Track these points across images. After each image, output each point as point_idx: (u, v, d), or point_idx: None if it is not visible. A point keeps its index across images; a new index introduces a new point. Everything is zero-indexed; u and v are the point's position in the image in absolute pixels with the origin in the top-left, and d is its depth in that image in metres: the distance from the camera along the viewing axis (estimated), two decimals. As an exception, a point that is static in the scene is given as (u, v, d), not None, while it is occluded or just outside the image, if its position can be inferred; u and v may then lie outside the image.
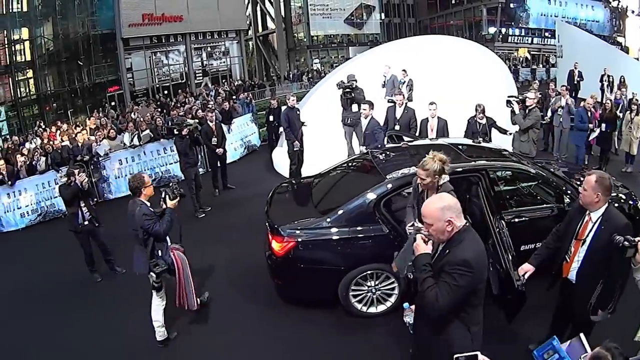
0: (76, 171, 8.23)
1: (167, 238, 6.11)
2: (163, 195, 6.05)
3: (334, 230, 6.03)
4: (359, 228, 5.97)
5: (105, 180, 13.86)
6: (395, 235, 5.84)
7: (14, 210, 12.79)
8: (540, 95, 12.92)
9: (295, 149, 11.61)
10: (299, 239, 6.05)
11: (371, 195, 6.05)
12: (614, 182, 4.72)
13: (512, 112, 9.86)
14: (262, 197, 8.66)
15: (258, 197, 9.90)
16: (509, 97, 10.14)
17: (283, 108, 13.24)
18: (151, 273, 5.83)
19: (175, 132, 10.94)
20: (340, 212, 6.08)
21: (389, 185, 6.11)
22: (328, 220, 6.08)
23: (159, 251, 5.93)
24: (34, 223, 12.84)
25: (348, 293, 6.08)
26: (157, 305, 6.18)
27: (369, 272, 6.02)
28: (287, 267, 6.18)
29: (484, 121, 9.92)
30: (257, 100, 25.14)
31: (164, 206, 6.00)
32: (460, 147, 7.25)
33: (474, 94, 11.48)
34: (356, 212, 6.04)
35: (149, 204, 5.99)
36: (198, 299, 6.49)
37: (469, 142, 8.28)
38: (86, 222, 8.33)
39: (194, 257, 6.91)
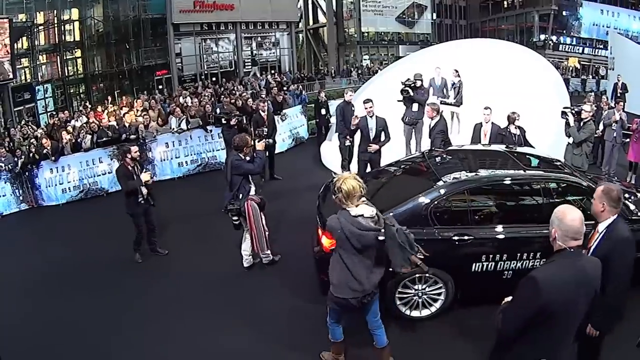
0: (132, 148, 8.33)
1: (252, 186, 7.33)
2: (252, 142, 7.22)
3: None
4: (412, 230, 5.39)
5: (151, 162, 13.79)
6: (449, 239, 5.81)
7: (55, 185, 13.04)
8: (595, 108, 12.32)
9: (347, 144, 11.36)
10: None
11: (426, 199, 5.98)
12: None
13: (567, 123, 9.55)
14: (308, 190, 9.53)
15: (305, 190, 10.42)
16: (564, 108, 9.85)
17: (339, 101, 13.15)
18: (229, 209, 7.15)
19: (224, 122, 11.04)
20: (393, 213, 5.76)
21: (443, 190, 6.03)
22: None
23: (240, 194, 7.16)
24: (75, 199, 13.01)
25: (394, 295, 6.00)
26: (244, 238, 7.57)
27: (417, 275, 5.88)
28: None
29: (518, 132, 9.59)
30: (307, 93, 24.61)
31: (254, 149, 7.19)
32: (516, 155, 7.19)
33: (526, 103, 11.12)
34: (410, 214, 5.86)
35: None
36: (268, 250, 7.53)
37: (528, 150, 8.19)
38: (143, 201, 8.32)
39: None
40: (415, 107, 10.99)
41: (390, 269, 4.95)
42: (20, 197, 13.00)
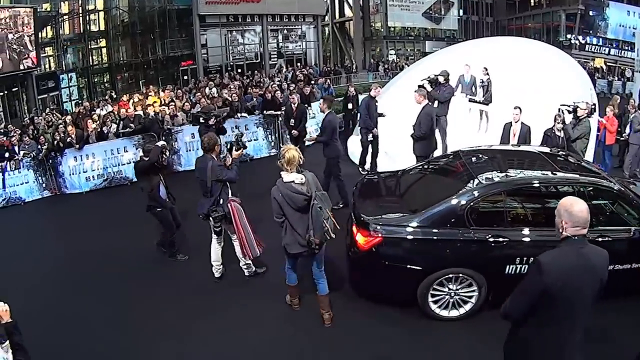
0: (160, 144, 8.18)
1: (229, 190, 7.06)
2: (229, 147, 7.08)
3: (422, 229, 5.94)
4: (448, 230, 5.87)
5: (176, 152, 13.86)
6: (484, 240, 5.78)
7: (79, 173, 13.22)
8: (617, 111, 12.44)
9: (369, 139, 11.51)
10: (386, 235, 5.98)
11: (462, 199, 5.96)
12: None
13: (563, 121, 9.53)
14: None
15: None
16: (561, 105, 9.96)
17: (363, 96, 13.07)
18: (210, 217, 6.96)
19: (201, 121, 10.98)
20: (430, 212, 5.98)
21: (480, 191, 5.99)
22: (417, 219, 5.99)
23: (221, 200, 6.93)
24: (98, 187, 13.15)
25: (428, 294, 5.98)
26: (216, 248, 7.36)
27: (451, 275, 5.89)
28: (370, 262, 6.15)
29: (562, 134, 9.46)
30: (334, 87, 24.32)
31: (229, 157, 6.96)
32: (551, 156, 7.16)
33: (553, 103, 10.73)
34: (446, 214, 5.93)
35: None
36: (260, 248, 7.08)
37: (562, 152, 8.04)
38: (167, 199, 8.14)
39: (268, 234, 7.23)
40: (435, 103, 10.93)
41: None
42: (43, 185, 13.17)
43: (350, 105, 15.53)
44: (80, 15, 29.47)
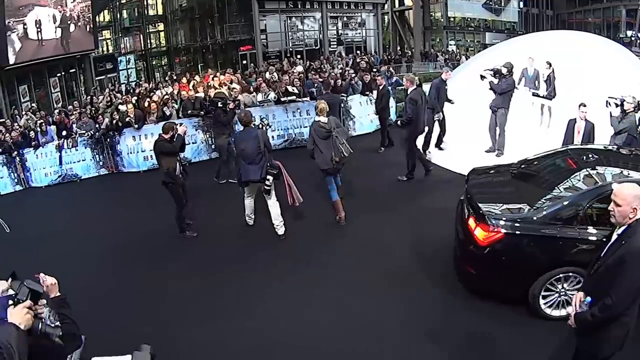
0: (178, 125, 8.97)
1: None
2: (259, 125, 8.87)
3: (544, 226, 5.75)
4: (569, 228, 5.67)
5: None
6: (600, 240, 5.32)
7: (137, 152, 13.59)
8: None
9: (435, 119, 11.72)
10: (508, 231, 5.81)
11: (584, 197, 5.77)
12: None
13: (610, 114, 9.30)
14: (388, 166, 11.43)
15: (387, 166, 11.54)
16: (608, 98, 9.47)
17: (426, 86, 12.82)
18: (268, 177, 8.17)
19: (220, 105, 11.61)
20: (553, 209, 5.82)
21: (600, 190, 5.65)
22: (540, 215, 5.84)
23: (271, 160, 8.33)
24: (156, 167, 12.92)
25: (540, 292, 5.80)
26: (274, 203, 8.45)
27: (562, 274, 5.73)
28: (488, 258, 5.96)
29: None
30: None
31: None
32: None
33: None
34: (569, 212, 5.73)
35: None
36: (300, 196, 8.57)
37: None
38: (181, 175, 8.80)
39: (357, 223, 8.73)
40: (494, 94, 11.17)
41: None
42: (100, 163, 13.70)
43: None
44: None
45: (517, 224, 5.86)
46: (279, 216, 8.45)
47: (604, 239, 5.15)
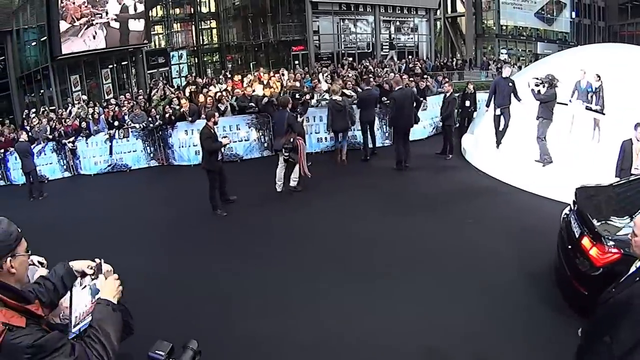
0: (216, 114, 9.93)
1: (295, 133, 10.04)
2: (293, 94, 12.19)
3: None
4: None
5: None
6: None
7: (189, 146, 13.68)
8: None
9: (497, 114, 11.95)
10: (627, 253, 5.10)
11: None
12: None
13: None
14: (436, 172, 11.64)
15: (436, 172, 11.71)
16: None
17: (481, 94, 14.07)
18: (283, 149, 9.90)
19: (297, 97, 12.87)
20: None
21: None
22: None
23: (292, 138, 9.84)
24: None
25: None
26: (295, 171, 10.26)
27: None
28: (602, 278, 5.32)
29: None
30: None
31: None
32: None
33: None
34: None
35: None
36: (308, 172, 10.29)
37: None
38: (220, 159, 9.72)
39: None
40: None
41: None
42: (151, 155, 13.91)
43: (467, 103, 14.88)
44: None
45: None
46: (296, 176, 10.33)
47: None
